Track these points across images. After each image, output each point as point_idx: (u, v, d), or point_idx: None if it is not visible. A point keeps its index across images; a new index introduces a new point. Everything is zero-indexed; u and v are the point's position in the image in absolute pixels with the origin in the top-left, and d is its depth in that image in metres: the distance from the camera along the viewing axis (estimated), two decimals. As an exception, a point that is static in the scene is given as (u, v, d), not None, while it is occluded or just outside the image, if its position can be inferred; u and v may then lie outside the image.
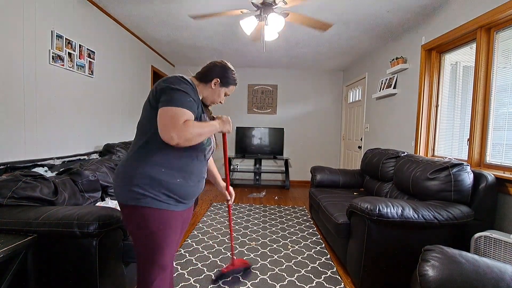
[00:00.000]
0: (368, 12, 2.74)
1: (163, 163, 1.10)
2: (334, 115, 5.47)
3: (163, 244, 1.11)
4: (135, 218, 1.09)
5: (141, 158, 1.11)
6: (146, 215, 1.07)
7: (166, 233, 1.11)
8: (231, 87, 1.36)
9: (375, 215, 1.65)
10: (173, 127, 0.99)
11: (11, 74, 1.88)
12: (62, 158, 2.32)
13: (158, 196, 1.08)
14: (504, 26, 2.02)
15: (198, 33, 3.50)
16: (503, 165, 1.99)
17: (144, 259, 1.12)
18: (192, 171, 1.18)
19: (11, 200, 1.49)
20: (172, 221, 1.13)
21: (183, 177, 1.14)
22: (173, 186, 1.11)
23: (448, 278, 1.06)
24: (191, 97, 1.09)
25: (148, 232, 1.08)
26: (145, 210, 1.07)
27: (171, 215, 1.13)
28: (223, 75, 1.30)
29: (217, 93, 1.31)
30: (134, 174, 1.08)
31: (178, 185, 1.13)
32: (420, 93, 2.84)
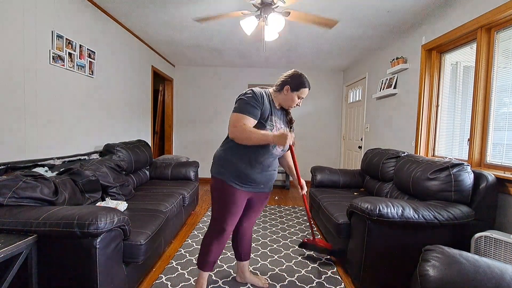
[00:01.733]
0: (368, 12, 2.74)
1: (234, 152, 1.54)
2: (334, 115, 5.47)
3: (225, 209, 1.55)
4: (212, 185, 1.59)
5: (221, 147, 1.62)
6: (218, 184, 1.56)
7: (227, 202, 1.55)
8: (302, 89, 1.58)
9: (376, 215, 1.65)
10: (232, 128, 1.45)
11: (11, 74, 1.88)
12: (62, 158, 2.32)
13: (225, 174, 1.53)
14: (504, 26, 2.01)
15: (198, 33, 3.50)
16: (504, 165, 1.99)
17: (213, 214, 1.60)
18: (257, 160, 1.53)
19: (11, 200, 1.49)
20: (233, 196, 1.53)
21: (248, 165, 1.52)
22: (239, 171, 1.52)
23: (448, 278, 1.06)
24: (249, 103, 1.47)
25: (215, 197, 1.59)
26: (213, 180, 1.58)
27: (233, 191, 1.53)
28: (292, 81, 1.56)
29: (290, 98, 1.59)
30: (217, 156, 1.60)
31: (243, 171, 1.52)
32: (421, 93, 2.84)
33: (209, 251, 1.60)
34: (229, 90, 5.41)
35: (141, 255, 1.61)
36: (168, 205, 2.35)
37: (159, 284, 1.83)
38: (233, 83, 5.40)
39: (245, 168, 1.52)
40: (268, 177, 1.63)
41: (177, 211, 2.53)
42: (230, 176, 1.52)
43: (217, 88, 5.41)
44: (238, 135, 1.43)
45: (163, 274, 1.95)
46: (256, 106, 1.47)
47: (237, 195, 1.54)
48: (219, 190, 1.56)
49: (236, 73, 5.39)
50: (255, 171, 1.54)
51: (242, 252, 1.82)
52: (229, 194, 1.53)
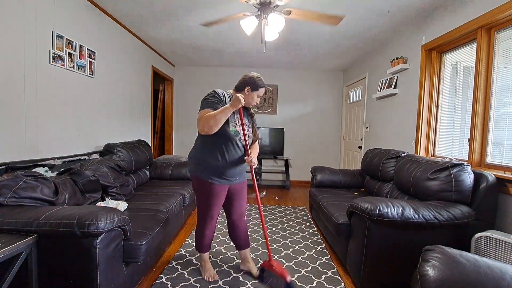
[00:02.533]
0: (368, 12, 2.74)
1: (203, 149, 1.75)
2: (334, 115, 5.47)
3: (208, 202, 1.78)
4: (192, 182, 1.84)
5: (198, 148, 1.80)
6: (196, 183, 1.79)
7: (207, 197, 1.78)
8: (260, 89, 1.80)
9: (376, 215, 1.65)
10: (199, 123, 1.60)
11: (11, 74, 1.88)
12: (62, 158, 2.32)
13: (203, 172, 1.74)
14: (504, 26, 2.01)
15: (198, 33, 3.50)
16: (504, 165, 1.99)
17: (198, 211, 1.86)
18: (224, 154, 1.72)
19: (11, 200, 1.49)
20: (213, 190, 1.75)
21: (220, 161, 1.72)
22: (213, 167, 1.72)
23: (448, 278, 1.06)
24: (215, 101, 1.66)
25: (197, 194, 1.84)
26: (197, 179, 1.78)
27: (213, 186, 1.74)
28: (252, 83, 1.77)
29: (251, 97, 1.80)
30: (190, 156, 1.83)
31: (217, 167, 1.72)
32: (421, 93, 2.84)
33: (203, 236, 1.88)
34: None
35: (141, 255, 1.61)
36: (168, 205, 2.35)
37: (159, 284, 1.83)
38: (233, 83, 5.39)
39: (218, 164, 1.73)
40: (240, 169, 1.83)
41: (177, 211, 2.53)
42: (206, 173, 1.74)
43: (217, 88, 5.40)
44: (205, 125, 1.57)
45: (163, 274, 1.95)
46: (218, 102, 1.67)
47: (216, 189, 1.76)
48: (199, 187, 1.78)
49: (236, 73, 5.39)
50: (227, 165, 1.74)
51: (241, 241, 1.99)
52: (208, 189, 1.75)
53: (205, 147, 1.74)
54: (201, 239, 1.89)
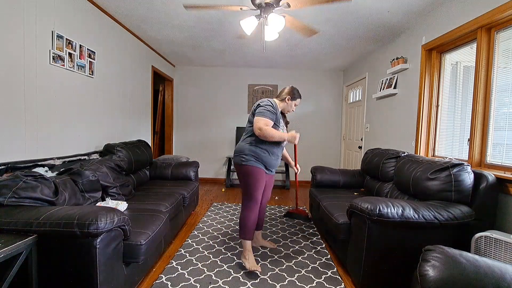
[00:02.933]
0: (368, 12, 2.74)
1: (258, 146, 2.07)
2: (334, 115, 5.47)
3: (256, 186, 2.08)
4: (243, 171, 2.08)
5: (247, 141, 2.10)
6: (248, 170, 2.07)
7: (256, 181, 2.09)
8: (298, 99, 2.23)
9: (376, 215, 1.65)
10: (259, 128, 1.96)
11: (11, 74, 1.88)
12: (62, 158, 2.32)
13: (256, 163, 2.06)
14: (504, 26, 2.01)
15: (198, 33, 3.50)
16: (504, 165, 1.99)
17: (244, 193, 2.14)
18: (274, 152, 2.11)
19: (11, 200, 1.49)
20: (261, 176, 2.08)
21: (269, 156, 2.09)
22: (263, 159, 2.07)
23: (448, 278, 1.06)
24: (270, 111, 2.01)
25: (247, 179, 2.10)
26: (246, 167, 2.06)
27: (262, 172, 2.08)
28: (292, 93, 2.19)
29: (289, 105, 2.20)
30: (244, 149, 2.08)
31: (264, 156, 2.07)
32: (421, 93, 2.84)
33: (249, 219, 2.07)
34: (229, 90, 5.42)
35: (141, 255, 1.61)
36: (168, 205, 2.35)
37: (159, 284, 1.83)
38: (233, 83, 5.40)
39: (267, 158, 2.08)
40: (277, 163, 2.21)
41: (177, 211, 2.54)
42: (257, 163, 2.06)
43: (217, 88, 5.42)
44: (265, 134, 1.95)
45: (163, 274, 1.95)
46: (274, 113, 2.04)
47: (263, 175, 2.10)
48: (251, 173, 2.06)
49: (236, 73, 5.40)
50: (273, 159, 2.12)
51: (259, 222, 2.40)
52: (258, 175, 2.06)
53: (260, 145, 2.07)
54: (246, 224, 2.07)
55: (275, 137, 1.97)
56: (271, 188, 2.34)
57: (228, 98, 5.42)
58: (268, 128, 1.95)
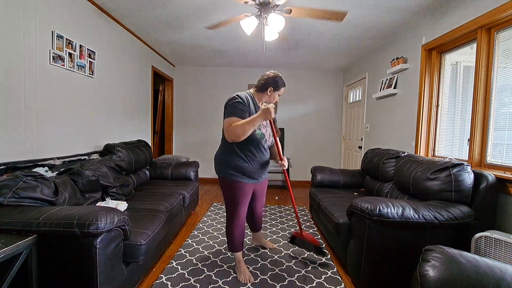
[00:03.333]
0: (368, 12, 2.74)
1: (229, 153, 1.82)
2: (334, 115, 5.47)
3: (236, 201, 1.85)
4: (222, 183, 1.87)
5: (220, 149, 1.89)
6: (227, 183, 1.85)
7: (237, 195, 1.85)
8: (282, 88, 1.90)
9: (376, 215, 1.65)
10: (226, 131, 1.66)
11: (11, 74, 1.88)
12: (62, 158, 2.32)
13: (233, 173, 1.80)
14: (504, 26, 2.01)
15: (198, 33, 3.50)
16: (504, 165, 1.99)
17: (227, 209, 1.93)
18: (252, 158, 1.83)
19: (11, 200, 1.49)
20: (241, 190, 1.83)
21: (248, 163, 1.82)
22: (241, 168, 1.80)
23: (448, 278, 1.06)
24: (240, 107, 1.70)
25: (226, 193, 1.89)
26: (222, 179, 1.86)
27: (241, 185, 1.82)
28: (273, 83, 1.84)
29: (273, 97, 1.88)
30: (220, 158, 1.85)
31: (245, 168, 1.81)
32: (421, 93, 2.84)
33: (234, 236, 1.94)
34: (229, 90, 5.41)
35: (141, 255, 1.61)
36: (168, 205, 2.35)
37: (159, 284, 1.83)
38: (233, 83, 5.40)
39: (247, 166, 1.82)
40: (265, 169, 1.98)
41: (177, 211, 2.54)
42: (235, 173, 1.81)
43: (217, 88, 5.41)
44: (233, 135, 1.63)
45: (163, 274, 1.95)
46: (244, 109, 1.72)
47: (245, 188, 1.86)
48: (228, 187, 1.85)
49: (236, 73, 5.40)
50: (254, 167, 1.86)
51: (256, 226, 2.32)
52: (237, 188, 1.83)
53: (233, 150, 1.81)
54: (233, 240, 1.94)
55: (246, 128, 1.60)
56: (264, 193, 2.18)
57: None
58: (234, 125, 1.61)
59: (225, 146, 1.85)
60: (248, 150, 1.81)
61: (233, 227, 1.92)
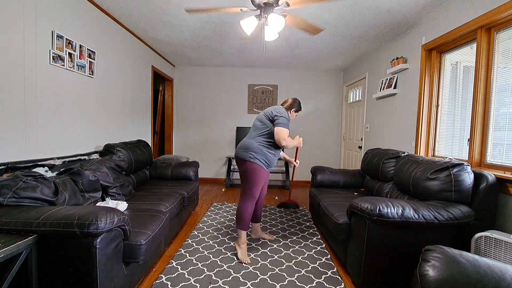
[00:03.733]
0: (368, 12, 2.74)
1: (270, 148, 2.32)
2: (334, 115, 5.47)
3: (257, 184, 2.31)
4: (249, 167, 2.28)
5: (258, 141, 2.32)
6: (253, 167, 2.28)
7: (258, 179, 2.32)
8: (300, 111, 2.58)
9: (376, 215, 1.65)
10: (282, 138, 2.23)
11: (11, 74, 1.88)
12: (62, 158, 2.32)
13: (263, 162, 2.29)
14: (504, 26, 2.01)
15: (198, 33, 3.50)
16: (504, 165, 1.99)
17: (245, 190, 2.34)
18: (276, 153, 2.39)
19: (11, 200, 1.49)
20: (264, 175, 2.34)
21: (274, 156, 2.35)
22: (269, 159, 2.32)
23: (448, 278, 1.06)
24: (288, 122, 2.31)
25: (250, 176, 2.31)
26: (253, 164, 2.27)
27: (265, 172, 2.34)
28: (296, 106, 2.53)
29: (293, 116, 2.52)
30: (254, 147, 2.29)
31: (270, 158, 2.32)
32: (421, 93, 2.84)
33: (245, 212, 2.27)
34: (229, 90, 5.42)
35: (141, 255, 1.61)
36: (168, 205, 2.35)
37: (159, 284, 1.83)
38: (233, 83, 5.40)
39: (272, 158, 2.34)
40: (276, 161, 2.48)
41: (177, 211, 2.54)
42: (263, 162, 2.29)
43: (217, 88, 5.41)
44: (287, 144, 2.29)
45: (163, 274, 1.95)
46: (289, 123, 2.34)
47: (265, 174, 2.35)
48: (256, 172, 2.27)
49: (236, 73, 5.40)
50: (275, 159, 2.38)
51: (258, 215, 2.60)
52: (262, 174, 2.30)
53: (271, 147, 2.33)
54: (243, 216, 2.27)
55: (292, 146, 2.38)
56: (267, 183, 2.58)
57: (228, 98, 5.42)
58: (289, 139, 2.32)
59: (264, 141, 2.31)
60: (279, 149, 2.39)
61: (248, 206, 2.28)
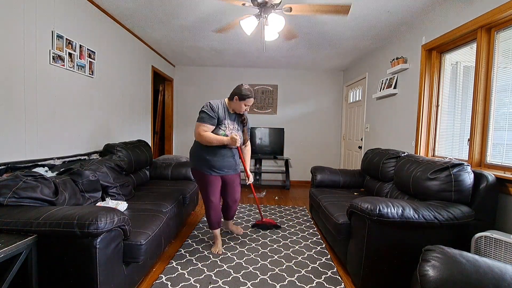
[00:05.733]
0: (368, 12, 2.74)
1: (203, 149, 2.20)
2: (334, 115, 5.47)
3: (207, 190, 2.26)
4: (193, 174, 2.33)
5: (194, 144, 2.28)
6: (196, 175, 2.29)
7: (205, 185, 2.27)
8: (247, 99, 2.16)
9: (376, 215, 1.65)
10: (196, 135, 2.13)
11: (11, 74, 1.88)
12: (62, 158, 2.32)
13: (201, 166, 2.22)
14: (504, 26, 2.01)
15: (198, 33, 3.50)
16: (504, 165, 1.99)
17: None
18: (217, 153, 2.21)
19: (11, 200, 1.49)
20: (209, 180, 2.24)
21: (214, 157, 2.20)
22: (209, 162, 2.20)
23: (448, 278, 1.06)
24: (208, 115, 2.10)
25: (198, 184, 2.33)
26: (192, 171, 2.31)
27: (208, 177, 2.23)
28: (240, 93, 2.14)
29: (239, 105, 2.18)
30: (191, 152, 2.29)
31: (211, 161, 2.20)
32: (421, 93, 2.84)
33: (210, 216, 2.31)
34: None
35: (141, 255, 1.61)
36: (168, 205, 2.34)
37: (159, 284, 1.83)
38: (233, 83, 5.39)
39: (212, 159, 2.20)
40: (230, 163, 2.31)
41: (177, 211, 2.53)
42: (204, 166, 2.21)
43: (217, 88, 5.41)
44: (202, 140, 2.11)
45: (163, 274, 1.95)
46: (213, 116, 2.11)
47: (212, 179, 2.24)
48: (199, 179, 2.26)
49: (236, 73, 5.40)
50: (219, 160, 2.22)
51: (230, 215, 2.62)
52: (206, 179, 2.23)
53: (204, 148, 2.20)
54: (210, 220, 2.33)
55: (213, 142, 2.10)
56: (234, 188, 2.44)
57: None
58: (205, 135, 2.08)
59: (197, 143, 2.23)
60: (217, 148, 2.19)
61: (210, 211, 2.30)
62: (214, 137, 2.10)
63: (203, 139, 2.09)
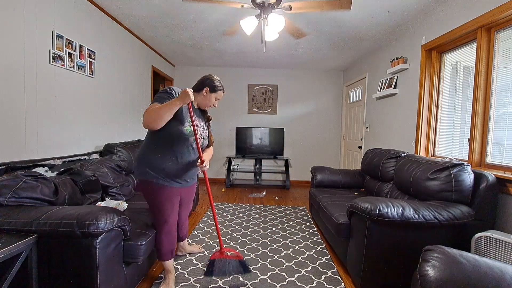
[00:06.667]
0: (368, 12, 2.74)
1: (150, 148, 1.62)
2: (334, 115, 5.47)
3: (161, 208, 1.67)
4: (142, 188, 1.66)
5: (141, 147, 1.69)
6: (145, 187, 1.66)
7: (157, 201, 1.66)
8: (219, 91, 1.77)
9: (376, 215, 1.65)
10: (143, 118, 1.46)
11: (11, 74, 1.88)
12: (62, 158, 2.32)
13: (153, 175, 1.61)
14: (504, 26, 2.01)
15: (198, 33, 3.50)
16: (504, 165, 1.99)
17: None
18: (178, 157, 1.62)
19: (11, 200, 1.49)
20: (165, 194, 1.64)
21: (174, 163, 1.62)
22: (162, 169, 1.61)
23: (448, 278, 1.06)
24: (163, 97, 1.55)
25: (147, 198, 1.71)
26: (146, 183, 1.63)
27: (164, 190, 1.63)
28: (211, 84, 1.73)
29: (209, 99, 1.75)
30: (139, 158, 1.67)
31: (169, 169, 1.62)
32: (421, 93, 2.84)
33: (162, 243, 1.73)
34: (229, 90, 5.41)
35: (141, 255, 1.61)
36: (168, 205, 2.34)
37: (159, 284, 1.83)
38: (233, 83, 5.40)
39: (170, 167, 1.62)
40: (192, 172, 1.76)
41: (177, 211, 2.53)
42: (158, 176, 1.61)
43: (217, 88, 5.40)
44: (149, 119, 1.44)
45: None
46: (167, 98, 1.54)
47: (170, 193, 1.66)
48: (150, 193, 1.64)
49: (236, 73, 5.39)
50: (180, 168, 1.65)
51: (182, 237, 2.10)
52: (161, 193, 1.63)
53: (157, 147, 1.59)
54: (160, 246, 1.72)
55: (161, 113, 1.43)
56: (191, 200, 1.96)
57: (228, 98, 5.41)
58: (150, 109, 1.45)
59: (149, 143, 1.61)
60: (174, 148, 1.60)
61: (162, 237, 1.70)
62: (161, 106, 1.45)
63: (149, 115, 1.44)
